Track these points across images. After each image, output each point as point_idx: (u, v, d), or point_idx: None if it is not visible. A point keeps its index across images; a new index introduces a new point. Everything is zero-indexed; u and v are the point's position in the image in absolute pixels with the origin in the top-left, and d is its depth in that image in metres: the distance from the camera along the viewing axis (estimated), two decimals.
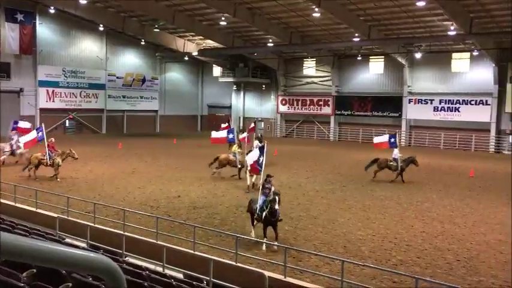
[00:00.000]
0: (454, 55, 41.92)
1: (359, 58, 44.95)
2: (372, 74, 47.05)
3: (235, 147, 22.82)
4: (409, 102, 44.09)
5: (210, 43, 48.31)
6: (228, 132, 23.62)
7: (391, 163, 23.00)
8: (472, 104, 40.87)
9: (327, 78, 49.51)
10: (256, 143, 24.46)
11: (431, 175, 24.93)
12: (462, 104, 41.35)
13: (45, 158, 21.50)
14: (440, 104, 42.47)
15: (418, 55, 41.36)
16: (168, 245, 11.28)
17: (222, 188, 20.41)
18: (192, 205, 17.17)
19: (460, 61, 41.87)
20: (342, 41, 41.74)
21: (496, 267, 11.27)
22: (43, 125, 23.40)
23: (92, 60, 48.63)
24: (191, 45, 50.75)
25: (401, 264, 11.37)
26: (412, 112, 44.10)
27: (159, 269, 10.09)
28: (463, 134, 41.60)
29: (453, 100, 41.78)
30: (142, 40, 49.26)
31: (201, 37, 47.52)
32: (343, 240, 13.19)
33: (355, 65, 46.97)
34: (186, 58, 52.51)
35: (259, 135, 21.57)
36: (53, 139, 22.35)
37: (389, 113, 45.49)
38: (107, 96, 50.00)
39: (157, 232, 12.02)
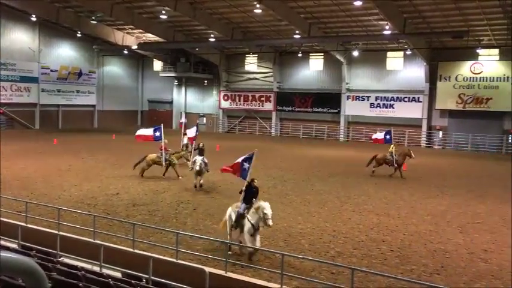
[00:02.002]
0: (389, 54, 43.65)
1: (300, 55, 45.78)
2: (312, 71, 48.00)
3: (391, 147, 24.79)
4: (348, 99, 45.43)
5: (151, 37, 47.24)
6: (386, 134, 26.06)
7: None
8: (405, 101, 42.80)
9: (268, 74, 49.98)
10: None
11: (369, 169, 25.80)
12: (396, 100, 43.18)
13: (161, 159, 21.59)
14: (376, 100, 44.10)
15: (355, 53, 42.78)
16: (106, 243, 10.97)
17: (163, 185, 20.09)
18: (132, 202, 16.79)
19: (394, 60, 43.67)
20: (283, 38, 42.26)
21: (427, 256, 11.90)
22: (162, 126, 22.89)
23: (24, 52, 46.15)
24: (130, 39, 49.40)
25: (339, 255, 11.74)
26: (350, 108, 45.50)
27: (96, 268, 9.80)
28: (397, 129, 43.29)
29: (388, 97, 43.52)
30: (79, 32, 47.29)
31: (140, 30, 46.32)
32: (284, 234, 13.41)
33: (296, 62, 47.71)
34: (126, 52, 51.05)
35: (200, 144, 20.81)
36: (166, 140, 22.14)
37: (328, 109, 46.67)
38: (41, 90, 47.68)
39: (95, 231, 11.66)
